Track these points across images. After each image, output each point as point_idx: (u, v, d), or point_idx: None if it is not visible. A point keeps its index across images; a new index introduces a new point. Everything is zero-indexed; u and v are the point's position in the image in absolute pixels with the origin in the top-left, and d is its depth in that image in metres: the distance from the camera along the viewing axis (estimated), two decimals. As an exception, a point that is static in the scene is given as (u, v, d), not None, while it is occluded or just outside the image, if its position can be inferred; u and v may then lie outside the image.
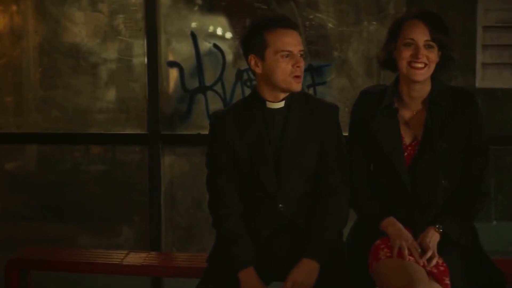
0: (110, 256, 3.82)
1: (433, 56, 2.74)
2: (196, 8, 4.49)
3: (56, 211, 4.71)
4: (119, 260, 3.75)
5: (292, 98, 2.86)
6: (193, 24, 4.48)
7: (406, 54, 2.73)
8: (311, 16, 4.38)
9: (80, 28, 4.57)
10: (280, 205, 2.86)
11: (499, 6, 4.19)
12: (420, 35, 2.71)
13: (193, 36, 4.44)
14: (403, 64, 2.76)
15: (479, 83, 4.24)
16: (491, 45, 4.21)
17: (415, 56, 2.72)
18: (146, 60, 4.44)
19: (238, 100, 3.04)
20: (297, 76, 2.79)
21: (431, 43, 2.72)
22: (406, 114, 2.85)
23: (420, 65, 2.71)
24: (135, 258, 3.78)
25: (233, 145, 2.88)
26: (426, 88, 2.82)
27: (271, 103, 2.86)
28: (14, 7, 4.65)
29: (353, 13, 4.37)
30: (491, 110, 4.37)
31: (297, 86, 2.82)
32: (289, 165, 2.85)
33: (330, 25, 4.38)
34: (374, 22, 4.32)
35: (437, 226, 2.77)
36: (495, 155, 4.38)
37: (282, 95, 2.86)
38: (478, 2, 4.20)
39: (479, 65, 4.22)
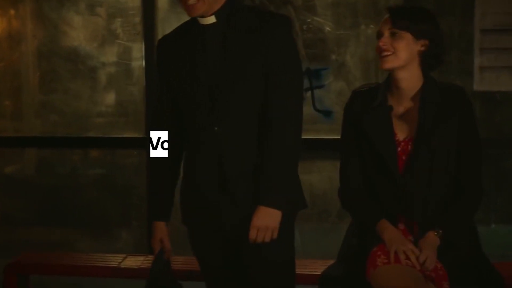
0: (108, 260, 3.83)
1: (401, 44, 2.73)
2: (194, 12, 4.50)
3: (55, 215, 4.71)
4: (117, 263, 3.76)
5: (232, 11, 2.60)
6: (191, 28, 4.48)
7: (377, 45, 2.78)
8: (308, 20, 4.39)
9: (78, 32, 4.59)
10: (216, 128, 2.58)
11: (496, 9, 4.19)
12: (384, 25, 2.75)
13: (191, 39, 4.44)
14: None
15: (477, 86, 4.24)
16: (488, 48, 4.21)
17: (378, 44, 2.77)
18: (144, 63, 4.45)
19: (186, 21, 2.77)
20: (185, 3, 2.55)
21: (395, 30, 2.73)
22: (399, 110, 2.83)
23: (385, 53, 2.73)
24: (133, 261, 3.80)
25: (170, 69, 2.66)
26: (411, 81, 2.81)
27: (203, 18, 2.59)
28: (12, 12, 4.66)
29: (351, 16, 4.38)
30: (489, 113, 4.37)
31: (189, 13, 2.56)
32: (226, 85, 2.56)
33: (327, 28, 4.39)
34: (372, 26, 4.32)
35: (436, 230, 2.76)
36: (494, 159, 4.37)
37: (210, 9, 2.58)
38: (476, 6, 4.20)
39: (476, 68, 4.22)
